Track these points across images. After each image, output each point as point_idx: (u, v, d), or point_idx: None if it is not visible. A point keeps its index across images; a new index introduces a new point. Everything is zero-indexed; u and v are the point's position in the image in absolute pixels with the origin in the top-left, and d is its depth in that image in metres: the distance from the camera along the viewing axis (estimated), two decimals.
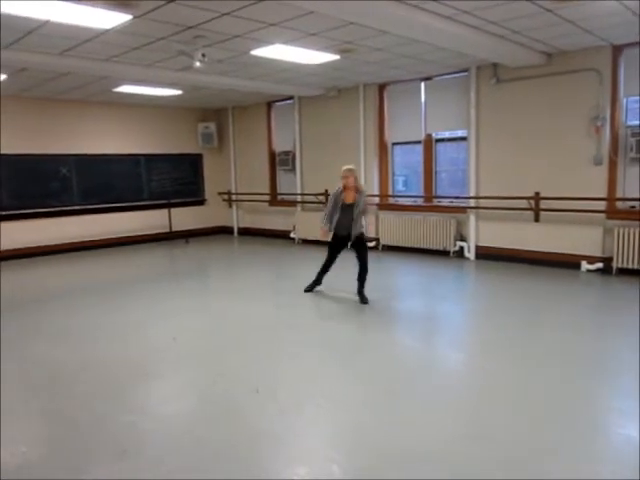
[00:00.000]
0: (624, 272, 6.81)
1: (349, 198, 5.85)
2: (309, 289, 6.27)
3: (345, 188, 5.85)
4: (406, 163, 9.58)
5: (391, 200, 9.52)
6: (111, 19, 5.10)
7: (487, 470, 2.62)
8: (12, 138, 9.21)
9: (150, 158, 11.20)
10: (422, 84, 8.76)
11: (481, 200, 8.13)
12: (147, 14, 5.00)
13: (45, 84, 8.24)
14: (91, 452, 2.88)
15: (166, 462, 2.76)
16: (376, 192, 9.52)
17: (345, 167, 5.90)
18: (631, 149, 6.68)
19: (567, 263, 7.28)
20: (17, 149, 9.30)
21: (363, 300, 5.75)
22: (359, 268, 5.88)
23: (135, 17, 5.06)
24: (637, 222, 6.71)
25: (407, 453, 2.80)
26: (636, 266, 6.67)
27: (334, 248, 6.09)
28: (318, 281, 6.28)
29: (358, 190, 5.86)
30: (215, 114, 12.15)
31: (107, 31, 5.49)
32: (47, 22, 5.09)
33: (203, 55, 6.05)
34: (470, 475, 2.58)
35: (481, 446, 2.85)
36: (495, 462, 2.69)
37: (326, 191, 10.16)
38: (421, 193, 9.10)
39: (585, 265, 7.15)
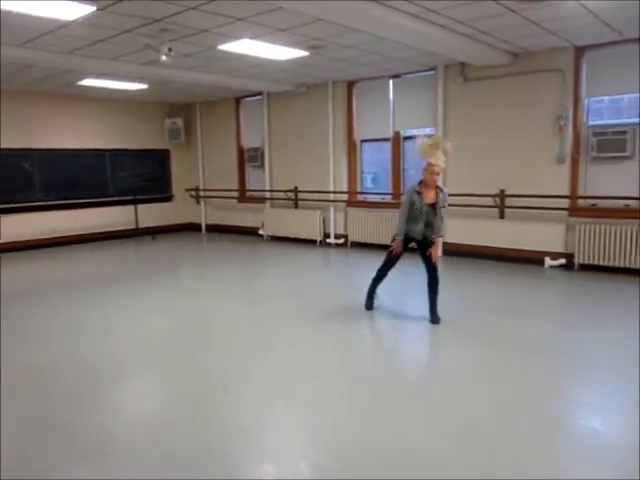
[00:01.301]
0: (585, 267, 7.00)
1: (429, 197, 4.81)
2: (369, 306, 5.37)
3: (426, 185, 4.80)
4: (375, 160, 9.64)
5: (360, 197, 9.56)
6: (73, 10, 4.97)
7: (460, 465, 2.66)
8: None
9: (116, 153, 10.98)
10: (390, 82, 8.81)
11: (448, 197, 8.20)
12: (111, 6, 4.88)
13: (5, 77, 7.98)
14: (61, 452, 2.82)
15: (136, 462, 2.72)
16: (345, 189, 9.55)
17: (436, 160, 4.67)
18: (592, 148, 6.86)
19: (531, 259, 7.43)
20: None
21: (434, 319, 4.89)
22: (428, 279, 4.96)
23: (98, 9, 4.94)
24: (598, 219, 6.89)
25: (380, 450, 2.81)
26: (597, 262, 6.86)
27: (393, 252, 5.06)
28: (373, 293, 5.38)
29: (439, 187, 4.87)
30: (182, 109, 11.98)
31: (69, 23, 5.35)
32: (7, 13, 4.93)
33: (170, 49, 5.96)
34: (443, 469, 2.61)
35: (454, 440, 2.88)
36: (467, 456, 2.73)
37: (295, 188, 10.16)
38: (389, 190, 9.16)
39: (548, 261, 7.31)
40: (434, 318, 4.94)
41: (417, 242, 5.00)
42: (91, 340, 4.69)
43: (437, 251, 4.95)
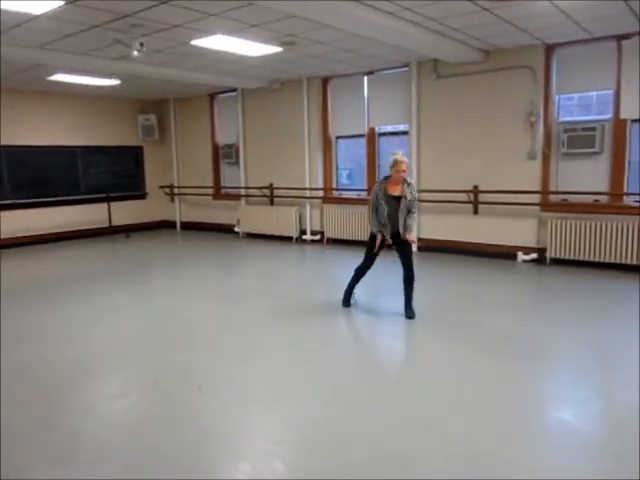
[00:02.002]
0: (557, 262, 7.12)
1: (395, 190, 4.91)
2: (346, 304, 5.39)
3: (393, 181, 4.90)
4: (350, 157, 9.65)
5: (335, 193, 9.57)
6: (41, 4, 4.86)
7: (434, 462, 2.68)
8: None
9: (88, 150, 10.79)
10: (365, 78, 8.83)
11: (423, 193, 8.27)
12: (79, 0, 4.79)
13: None
14: (24, 458, 2.75)
15: (106, 465, 2.67)
16: (320, 185, 9.55)
17: (398, 156, 4.88)
18: (563, 144, 6.97)
19: (504, 254, 7.54)
20: None
21: (409, 314, 4.95)
22: (404, 274, 5.02)
23: (67, 3, 4.84)
24: (569, 214, 7.02)
25: (355, 448, 2.82)
26: (568, 256, 6.98)
27: (373, 248, 5.09)
28: (351, 291, 5.40)
29: (406, 181, 4.92)
30: (156, 106, 11.83)
31: (37, 17, 5.23)
32: None
33: (141, 44, 5.88)
34: (417, 466, 2.64)
35: (428, 437, 2.91)
36: (441, 453, 2.76)
37: (271, 184, 10.12)
38: (365, 186, 9.18)
39: (521, 256, 7.42)
40: (409, 313, 4.98)
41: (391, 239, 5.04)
42: (59, 340, 4.61)
43: (412, 235, 4.99)
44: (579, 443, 2.83)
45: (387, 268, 5.40)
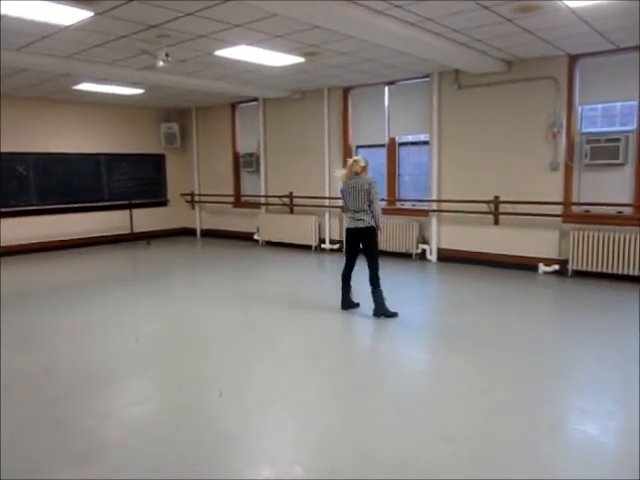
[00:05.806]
0: (579, 274, 7.04)
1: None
2: (345, 306, 5.54)
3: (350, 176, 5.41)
4: (370, 166, 9.58)
5: None
6: (71, 15, 4.98)
7: (454, 470, 2.67)
8: None
9: (111, 158, 10.98)
10: (386, 88, 8.86)
11: (443, 203, 8.27)
12: (109, 11, 4.90)
13: (1, 80, 7.97)
14: (50, 458, 2.80)
15: (128, 466, 2.71)
16: (340, 195, 9.56)
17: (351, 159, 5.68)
18: (586, 156, 6.91)
19: (525, 265, 7.47)
20: None
21: (377, 312, 5.21)
22: (369, 272, 5.25)
23: (96, 14, 4.96)
24: (591, 226, 6.94)
25: (374, 454, 2.82)
26: (590, 268, 6.90)
27: (348, 247, 5.42)
28: (346, 294, 5.56)
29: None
30: (178, 114, 12.00)
31: (67, 27, 5.37)
32: (4, 17, 4.94)
33: (167, 55, 5.98)
34: (437, 474, 2.63)
35: (448, 445, 2.89)
36: (461, 462, 2.74)
37: (291, 193, 10.18)
38: (384, 196, 9.18)
39: (542, 267, 7.35)
40: (377, 310, 5.22)
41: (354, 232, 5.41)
42: (82, 343, 4.68)
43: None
44: (604, 457, 2.80)
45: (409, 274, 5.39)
